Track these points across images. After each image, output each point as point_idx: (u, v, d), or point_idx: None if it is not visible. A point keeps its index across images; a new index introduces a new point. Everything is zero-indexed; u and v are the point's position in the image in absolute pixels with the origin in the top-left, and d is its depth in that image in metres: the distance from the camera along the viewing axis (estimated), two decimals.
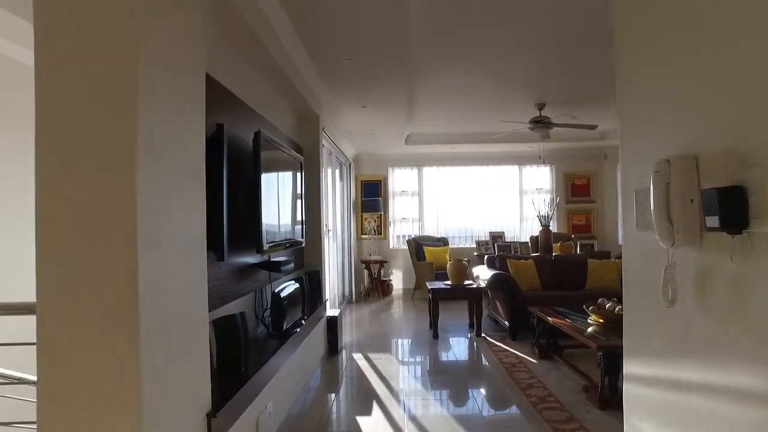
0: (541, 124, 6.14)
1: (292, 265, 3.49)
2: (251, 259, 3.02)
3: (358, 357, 4.85)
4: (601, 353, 3.35)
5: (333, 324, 4.96)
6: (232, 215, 2.48)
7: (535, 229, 9.38)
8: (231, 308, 2.72)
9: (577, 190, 9.28)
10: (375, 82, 4.86)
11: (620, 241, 9.21)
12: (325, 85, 4.83)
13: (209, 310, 2.02)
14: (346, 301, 7.98)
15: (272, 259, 3.27)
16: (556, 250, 6.95)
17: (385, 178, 9.31)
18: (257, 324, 3.25)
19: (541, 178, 9.54)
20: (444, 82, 5.38)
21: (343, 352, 5.04)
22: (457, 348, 5.22)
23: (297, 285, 3.50)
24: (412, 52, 4.15)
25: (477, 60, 4.70)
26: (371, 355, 4.89)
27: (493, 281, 5.46)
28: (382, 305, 7.95)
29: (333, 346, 4.96)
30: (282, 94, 4.16)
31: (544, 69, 5.02)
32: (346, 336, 5.69)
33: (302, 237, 3.97)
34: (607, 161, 9.26)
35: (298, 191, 4.03)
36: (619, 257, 6.34)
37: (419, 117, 6.91)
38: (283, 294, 3.09)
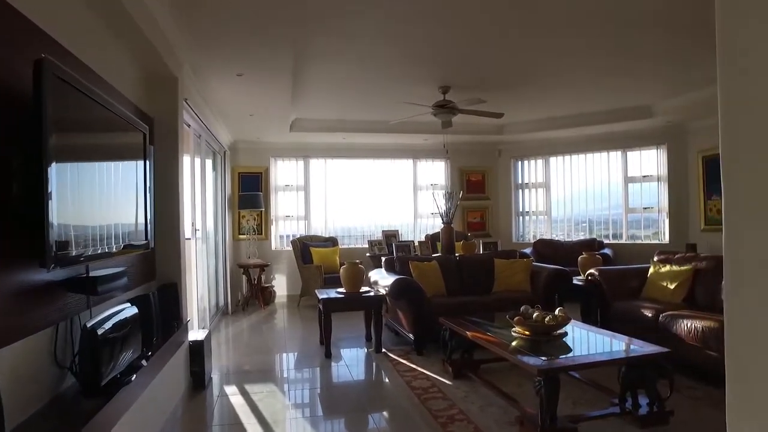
0: (445, 108, 5.52)
1: (124, 281, 2.36)
2: (45, 275, 1.86)
3: (232, 392, 3.77)
4: (541, 378, 2.69)
5: (198, 350, 3.82)
6: None
7: (430, 227, 8.93)
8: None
9: (472, 186, 8.94)
10: (253, 43, 3.83)
11: (515, 239, 9.14)
12: (188, 40, 3.68)
13: None
14: (220, 313, 6.75)
15: (91, 275, 2.12)
16: (458, 249, 6.42)
17: (267, 171, 8.17)
18: (61, 377, 2.07)
19: (436, 173, 9.07)
20: (337, 59, 4.52)
21: (212, 386, 3.93)
22: (356, 370, 4.36)
23: (134, 309, 2.37)
24: (301, 10, 3.25)
25: (376, 32, 3.93)
26: (249, 388, 3.83)
27: (396, 288, 4.69)
28: (264, 316, 6.84)
29: (198, 380, 3.82)
30: (120, 38, 2.96)
31: (448, 47, 4.38)
32: (218, 361, 4.55)
33: (146, 239, 2.81)
34: (501, 157, 9.06)
35: (144, 177, 2.87)
36: (524, 256, 6.01)
37: (307, 99, 5.94)
38: (104, 328, 1.97)
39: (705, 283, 4.32)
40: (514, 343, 3.33)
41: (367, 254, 7.80)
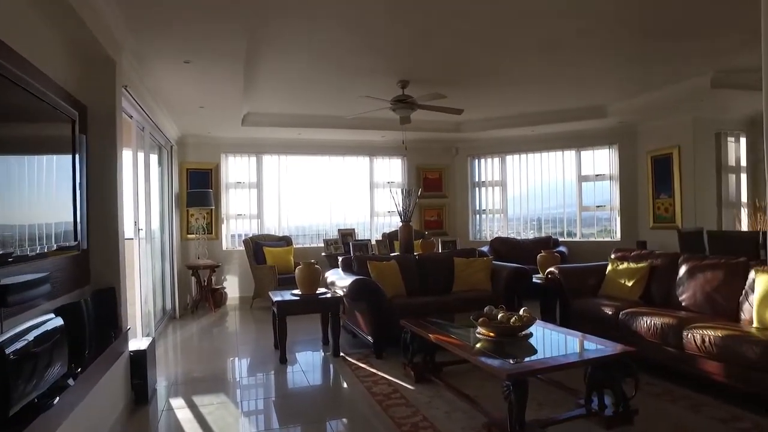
0: (404, 104, 5.37)
1: (47, 288, 2.07)
2: None
3: (178, 405, 3.48)
4: (510, 383, 2.58)
5: (140, 361, 3.50)
6: None
7: (387, 225, 8.79)
8: None
9: (429, 184, 8.86)
10: (204, 27, 3.55)
11: (471, 237, 9.13)
12: (129, 20, 3.36)
13: None
14: (167, 318, 6.35)
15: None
16: (416, 248, 6.30)
17: (218, 167, 7.79)
18: None
19: (393, 171, 8.94)
20: (293, 48, 4.29)
21: (157, 399, 3.62)
22: (313, 376, 4.14)
23: (59, 321, 2.08)
24: None
25: (334, 20, 3.73)
26: (198, 400, 3.55)
27: (354, 289, 4.50)
28: (214, 320, 6.49)
29: (141, 393, 3.50)
30: (43, 11, 2.62)
31: (408, 39, 4.25)
32: (164, 371, 4.22)
33: (77, 240, 2.50)
34: (458, 155, 9.03)
35: (73, 171, 2.55)
36: (483, 255, 5.94)
37: (260, 91, 5.66)
38: (16, 345, 1.68)
39: (660, 279, 4.37)
40: (478, 346, 3.22)
41: (323, 254, 7.57)
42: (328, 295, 4.73)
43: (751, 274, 3.70)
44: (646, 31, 4.17)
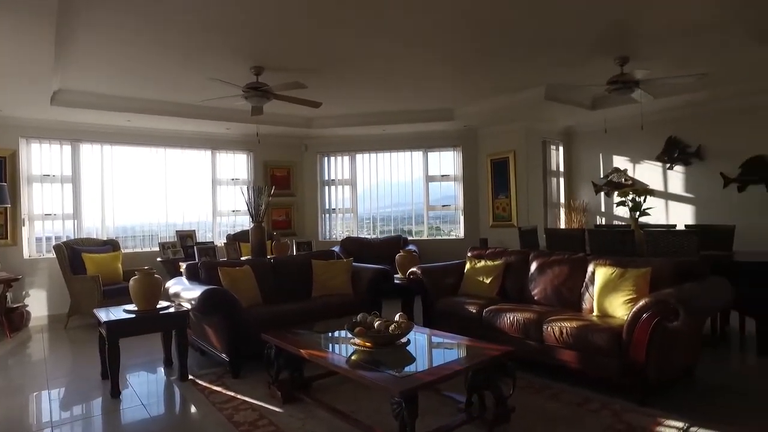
0: (258, 92, 4.88)
1: None
2: None
3: None
4: (402, 399, 2.36)
5: None
6: None
7: (231, 226, 8.08)
8: None
9: (277, 182, 8.36)
10: None
11: (321, 237, 8.87)
12: None
13: None
14: None
15: None
16: (268, 251, 5.82)
17: (15, 156, 6.30)
18: None
19: (238, 167, 8.26)
20: (123, 11, 3.56)
21: None
22: (156, 408, 3.44)
23: None
24: None
25: None
26: None
27: (205, 301, 3.89)
28: (13, 347, 5.19)
29: None
30: None
31: (261, 19, 3.84)
32: None
33: None
34: (308, 152, 8.70)
35: None
36: (340, 257, 5.72)
37: (79, 63, 4.67)
38: None
39: (514, 276, 4.62)
40: (355, 358, 2.97)
41: (159, 259, 6.63)
42: (172, 310, 4.04)
43: (590, 267, 4.08)
44: (498, 35, 4.37)
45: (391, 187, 8.69)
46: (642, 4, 3.73)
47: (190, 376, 3.95)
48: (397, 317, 3.27)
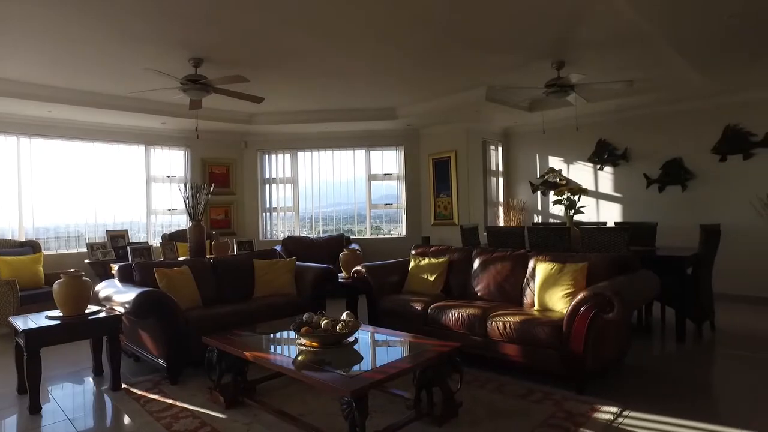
0: (197, 84, 4.67)
1: None
2: None
3: None
4: (352, 399, 2.33)
5: None
6: None
7: (167, 225, 7.72)
8: None
9: (216, 179, 8.07)
10: None
11: (262, 237, 8.64)
12: None
13: None
14: None
15: None
16: (207, 251, 5.59)
17: None
18: None
19: (174, 164, 7.89)
20: None
21: None
22: (83, 423, 3.17)
23: None
24: None
25: None
26: None
27: (141, 304, 3.66)
28: None
29: None
30: None
31: (204, 9, 3.69)
32: None
33: None
34: (248, 149, 8.45)
35: None
36: (282, 257, 5.58)
37: None
38: None
39: (457, 273, 4.69)
40: (301, 358, 2.90)
41: (87, 261, 6.20)
42: (103, 315, 3.77)
43: (531, 263, 4.22)
44: (442, 36, 4.42)
45: (333, 186, 8.62)
46: (578, 13, 3.90)
47: (124, 385, 3.71)
48: (344, 316, 3.23)
